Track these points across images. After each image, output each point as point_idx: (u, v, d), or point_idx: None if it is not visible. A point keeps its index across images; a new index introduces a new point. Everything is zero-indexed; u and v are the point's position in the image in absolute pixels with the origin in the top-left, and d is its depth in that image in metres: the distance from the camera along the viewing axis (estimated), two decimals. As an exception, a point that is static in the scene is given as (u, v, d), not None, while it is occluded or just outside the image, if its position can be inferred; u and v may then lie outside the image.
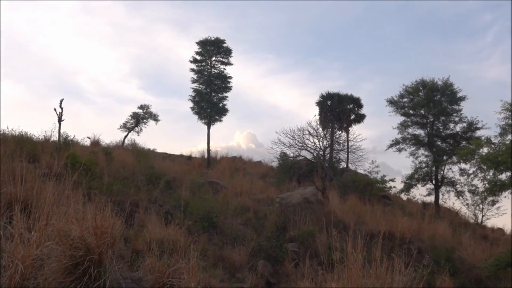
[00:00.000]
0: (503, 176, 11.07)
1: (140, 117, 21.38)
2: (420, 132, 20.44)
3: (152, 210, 8.00)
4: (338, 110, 23.20)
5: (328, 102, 23.74)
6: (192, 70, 22.47)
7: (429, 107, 19.77)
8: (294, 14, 53.27)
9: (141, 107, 21.52)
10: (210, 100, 21.97)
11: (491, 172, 11.09)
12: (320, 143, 14.64)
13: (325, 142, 14.98)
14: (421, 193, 22.69)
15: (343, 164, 22.23)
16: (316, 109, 23.89)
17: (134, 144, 19.59)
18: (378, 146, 59.37)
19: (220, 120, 22.34)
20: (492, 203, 17.06)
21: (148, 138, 44.88)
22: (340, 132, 23.25)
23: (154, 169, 12.37)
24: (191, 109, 22.36)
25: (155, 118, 21.62)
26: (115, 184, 8.68)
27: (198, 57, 22.41)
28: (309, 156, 14.91)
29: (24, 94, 44.76)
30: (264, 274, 7.44)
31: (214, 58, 22.35)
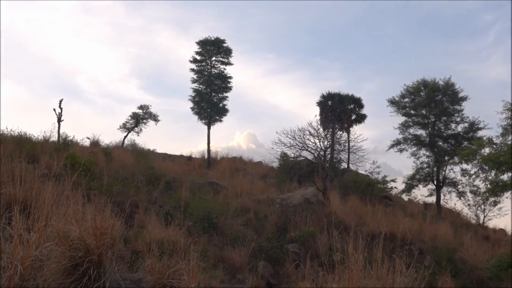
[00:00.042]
0: (505, 177, 11.04)
1: (140, 117, 21.32)
2: (422, 132, 20.42)
3: (152, 211, 7.97)
4: (339, 110, 23.17)
5: (329, 102, 23.71)
6: (192, 70, 22.46)
7: (430, 107, 19.72)
8: (294, 14, 53.33)
9: (141, 107, 21.49)
10: (210, 100, 21.94)
11: (493, 173, 11.07)
12: (321, 143, 14.65)
13: (326, 143, 14.99)
14: (422, 193, 22.69)
15: (344, 165, 22.20)
16: (317, 109, 23.89)
17: (134, 145, 19.56)
18: (379, 146, 59.38)
19: (220, 121, 22.34)
20: (494, 203, 16.97)
21: (148, 138, 44.71)
22: (341, 132, 23.26)
23: (154, 169, 12.35)
24: (191, 109, 22.38)
25: (155, 118, 21.58)
26: (114, 185, 8.65)
27: (198, 57, 22.39)
28: (309, 156, 14.91)
29: (24, 94, 44.81)
30: (264, 275, 7.41)
31: (214, 58, 22.33)
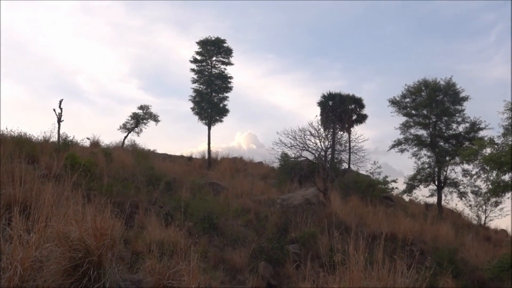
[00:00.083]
0: (506, 177, 11.01)
1: (140, 117, 21.29)
2: (423, 132, 20.39)
3: (152, 212, 7.95)
4: (340, 111, 23.14)
5: (330, 102, 23.68)
6: (193, 70, 22.45)
7: (431, 107, 19.68)
8: (294, 14, 53.37)
9: (141, 107, 21.47)
10: (210, 100, 21.92)
11: (494, 173, 11.04)
12: (322, 143, 14.60)
13: (326, 143, 14.94)
14: (423, 194, 22.61)
15: (344, 165, 22.10)
16: (318, 109, 23.87)
17: (134, 145, 19.54)
18: (380, 146, 59.33)
19: (221, 121, 22.34)
20: (495, 204, 16.90)
21: (148, 138, 44.38)
22: (341, 132, 23.19)
23: (154, 170, 12.32)
24: (191, 109, 22.39)
25: (155, 118, 21.55)
26: (115, 185, 8.64)
27: (199, 57, 22.38)
28: (310, 157, 14.87)
29: (24, 94, 44.84)
30: (265, 276, 7.40)
31: (214, 58, 22.33)
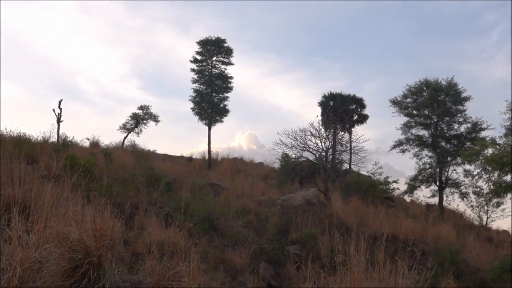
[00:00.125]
0: (508, 178, 10.98)
1: (140, 117, 21.28)
2: (424, 132, 20.36)
3: (152, 212, 7.93)
4: (341, 111, 23.11)
5: (331, 103, 23.65)
6: (193, 70, 22.44)
7: (433, 108, 19.65)
8: (294, 14, 53.39)
9: (141, 107, 21.47)
10: (210, 100, 21.91)
11: (496, 174, 11.02)
12: (323, 144, 14.54)
13: (327, 143, 14.87)
14: (425, 194, 22.53)
15: (345, 166, 22.02)
16: (318, 109, 23.86)
17: (134, 145, 19.54)
18: (381, 147, 59.17)
19: (221, 121, 22.33)
20: (497, 204, 16.88)
21: (148, 139, 44.50)
22: (342, 133, 23.12)
23: (154, 170, 12.31)
24: (191, 109, 22.38)
25: (155, 118, 21.55)
26: (114, 186, 8.62)
27: (199, 57, 22.37)
28: (311, 157, 14.82)
29: (23, 95, 44.94)
30: (265, 277, 7.37)
31: (214, 58, 22.32)
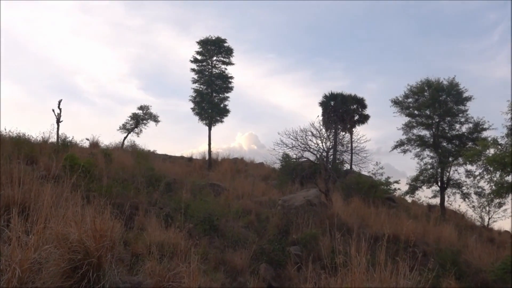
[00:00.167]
0: (510, 178, 10.93)
1: (140, 118, 21.20)
2: (425, 133, 20.33)
3: (152, 213, 7.92)
4: (342, 111, 23.08)
5: (332, 103, 23.61)
6: (193, 70, 22.38)
7: (434, 108, 19.60)
8: (295, 13, 53.37)
9: (140, 107, 21.37)
10: (211, 100, 21.87)
11: (497, 174, 10.98)
12: (323, 144, 14.51)
13: (328, 143, 14.83)
14: (426, 195, 22.59)
15: (346, 166, 21.99)
16: (319, 109, 23.84)
17: (134, 146, 19.44)
18: (383, 147, 59.13)
19: (221, 121, 22.26)
20: (499, 205, 16.86)
21: (148, 139, 44.16)
22: (343, 133, 23.07)
23: (154, 171, 12.27)
24: (191, 109, 22.31)
25: (155, 119, 21.44)
26: (114, 186, 8.60)
27: (199, 56, 22.30)
28: (312, 157, 14.79)
29: (22, 95, 44.96)
30: (266, 277, 7.35)
31: (215, 58, 22.25)
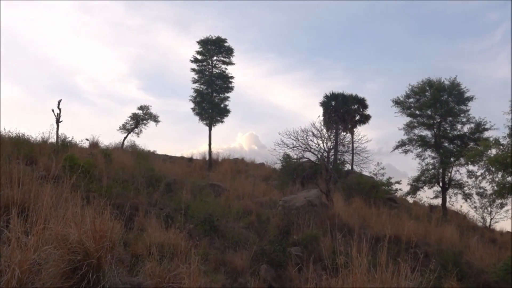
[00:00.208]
0: (512, 178, 10.88)
1: (140, 118, 21.16)
2: (427, 133, 20.27)
3: (152, 214, 7.91)
4: (343, 111, 23.05)
5: (332, 103, 23.58)
6: (193, 70, 22.33)
7: (435, 108, 19.54)
8: (296, 13, 53.33)
9: (140, 108, 21.33)
10: (211, 100, 21.83)
11: (499, 174, 10.94)
12: (324, 144, 14.48)
13: (329, 144, 14.79)
14: (427, 195, 22.55)
15: (347, 166, 21.95)
16: (320, 109, 23.80)
17: (134, 146, 19.41)
18: (384, 147, 58.95)
19: (222, 121, 22.21)
20: (501, 205, 16.78)
21: (148, 139, 44.19)
22: (344, 133, 23.02)
23: (154, 171, 12.26)
24: (192, 109, 22.27)
25: (155, 119, 21.39)
26: (114, 187, 8.60)
27: (199, 56, 22.25)
28: (313, 158, 14.77)
29: (22, 95, 44.94)
30: (266, 278, 7.33)
31: (215, 58, 22.19)
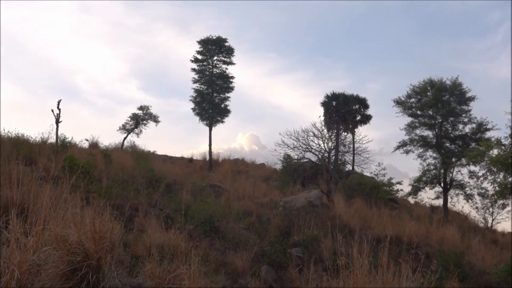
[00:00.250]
0: (514, 179, 10.84)
1: (140, 118, 21.12)
2: (428, 133, 20.26)
3: (152, 214, 7.87)
4: (344, 111, 22.97)
5: (333, 103, 23.49)
6: (193, 70, 22.26)
7: (437, 108, 19.51)
8: (296, 13, 53.29)
9: (140, 108, 21.29)
10: (211, 100, 21.77)
11: (501, 175, 10.90)
12: (325, 144, 14.48)
13: (330, 144, 14.81)
14: (429, 196, 22.46)
15: (348, 167, 21.89)
16: (321, 109, 23.71)
17: (134, 146, 19.36)
18: (385, 147, 58.99)
19: (222, 121, 22.13)
20: (503, 206, 16.72)
21: (148, 140, 44.31)
22: (345, 133, 22.96)
23: (154, 172, 12.22)
24: (192, 110, 22.19)
25: (155, 119, 21.36)
26: (114, 188, 8.57)
27: (200, 56, 22.19)
28: (313, 158, 14.76)
29: (21, 95, 44.96)
30: (267, 279, 7.30)
31: (215, 58, 22.12)
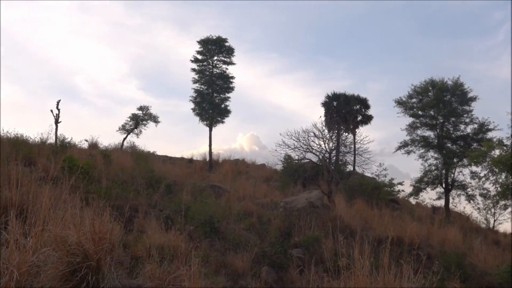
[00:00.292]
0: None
1: (140, 118, 21.07)
2: (430, 133, 20.20)
3: (152, 215, 7.87)
4: (345, 111, 22.91)
5: (334, 103, 23.43)
6: (193, 70, 22.22)
7: (438, 108, 19.46)
8: (297, 13, 53.24)
9: (140, 108, 21.24)
10: (212, 101, 21.74)
11: (503, 175, 10.86)
12: (326, 145, 14.47)
13: (331, 144, 14.80)
14: (430, 197, 22.27)
15: (349, 167, 21.86)
16: (322, 110, 23.62)
17: (133, 147, 19.34)
18: (386, 148, 58.78)
19: (222, 122, 22.09)
20: (504, 207, 16.64)
21: (148, 140, 44.09)
22: (346, 134, 22.92)
23: (154, 172, 12.21)
24: (192, 110, 22.15)
25: (155, 119, 21.30)
26: (113, 188, 8.56)
27: (200, 56, 22.15)
28: (314, 158, 14.75)
29: (20, 95, 45.00)
30: (268, 281, 7.28)
31: (216, 58, 22.08)
